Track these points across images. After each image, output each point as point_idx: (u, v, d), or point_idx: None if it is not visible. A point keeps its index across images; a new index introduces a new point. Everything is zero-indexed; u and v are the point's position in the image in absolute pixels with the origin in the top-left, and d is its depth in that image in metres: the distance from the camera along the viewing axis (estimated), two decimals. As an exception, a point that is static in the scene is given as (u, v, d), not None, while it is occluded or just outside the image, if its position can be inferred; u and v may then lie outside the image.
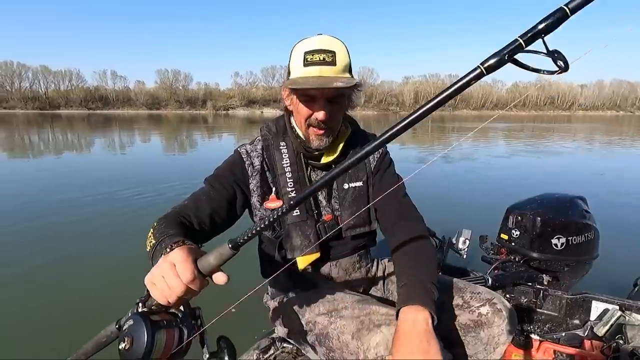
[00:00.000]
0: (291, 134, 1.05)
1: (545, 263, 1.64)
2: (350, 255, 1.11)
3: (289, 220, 1.01)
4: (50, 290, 2.82)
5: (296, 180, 1.02)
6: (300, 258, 1.02)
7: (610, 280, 2.15)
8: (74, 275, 3.09)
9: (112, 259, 3.38)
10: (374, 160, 1.10)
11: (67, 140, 16.27)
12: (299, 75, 0.94)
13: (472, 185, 6.47)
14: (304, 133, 1.01)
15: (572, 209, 1.66)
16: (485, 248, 1.84)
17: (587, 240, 1.65)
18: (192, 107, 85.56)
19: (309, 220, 1.01)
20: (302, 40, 0.97)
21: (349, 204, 1.05)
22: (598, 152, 11.92)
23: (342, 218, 1.04)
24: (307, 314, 1.01)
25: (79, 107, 74.82)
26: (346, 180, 1.05)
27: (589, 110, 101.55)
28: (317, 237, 1.01)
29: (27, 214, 4.68)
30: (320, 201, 1.06)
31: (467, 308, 0.94)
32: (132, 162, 9.64)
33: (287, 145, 1.05)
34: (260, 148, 1.06)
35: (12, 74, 73.78)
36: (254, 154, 1.06)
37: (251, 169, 1.04)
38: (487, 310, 0.92)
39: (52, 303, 2.61)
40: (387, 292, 1.17)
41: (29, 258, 3.41)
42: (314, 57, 0.92)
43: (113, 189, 6.03)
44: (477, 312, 0.93)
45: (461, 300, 0.96)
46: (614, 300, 1.49)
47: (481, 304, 0.93)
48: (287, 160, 1.03)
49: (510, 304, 0.96)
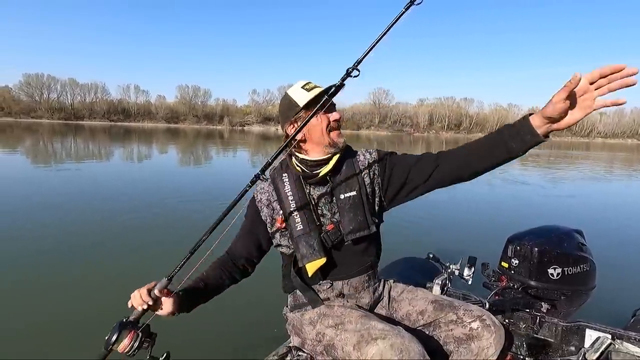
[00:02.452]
0: (291, 165, 1.22)
1: (543, 291, 1.76)
2: (360, 275, 1.24)
3: (295, 234, 1.18)
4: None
5: (297, 200, 1.19)
6: (308, 265, 1.17)
7: (609, 311, 2.23)
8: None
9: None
10: (365, 167, 1.23)
11: (89, 149, 16.92)
12: (310, 97, 1.14)
13: (474, 213, 6.58)
14: (326, 142, 1.17)
15: (568, 241, 1.78)
16: (487, 275, 1.97)
17: (582, 272, 1.76)
18: (209, 122, 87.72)
19: (312, 232, 1.17)
20: (289, 89, 1.23)
21: (347, 211, 1.18)
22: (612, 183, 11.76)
23: (343, 224, 1.18)
24: (318, 326, 1.17)
25: (102, 118, 77.62)
26: (342, 191, 1.19)
27: (608, 138, 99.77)
28: (321, 245, 1.16)
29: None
30: (325, 214, 1.20)
31: (460, 323, 1.10)
32: (147, 172, 10.02)
33: (289, 175, 1.23)
34: (267, 185, 1.26)
35: (42, 86, 77.55)
36: (262, 190, 1.27)
37: (260, 204, 1.25)
38: (478, 325, 1.07)
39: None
40: (391, 309, 1.30)
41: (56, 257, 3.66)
42: (309, 86, 1.17)
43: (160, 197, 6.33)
44: (469, 327, 1.08)
45: (455, 317, 1.12)
46: (607, 329, 1.59)
47: (472, 319, 1.09)
48: (288, 187, 1.21)
49: (500, 323, 1.11)
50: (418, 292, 1.29)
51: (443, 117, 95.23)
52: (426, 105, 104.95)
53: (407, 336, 0.97)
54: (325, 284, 1.23)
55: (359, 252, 1.24)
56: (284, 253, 1.28)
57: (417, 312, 1.21)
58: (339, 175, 1.21)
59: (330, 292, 1.24)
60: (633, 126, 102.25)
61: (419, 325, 1.19)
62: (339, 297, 1.24)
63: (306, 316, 1.23)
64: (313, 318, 1.20)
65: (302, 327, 1.22)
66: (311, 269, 1.17)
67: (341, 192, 1.19)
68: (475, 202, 7.61)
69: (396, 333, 0.97)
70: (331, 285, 1.23)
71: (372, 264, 1.28)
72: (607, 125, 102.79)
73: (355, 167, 1.22)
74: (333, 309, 1.18)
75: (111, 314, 1.10)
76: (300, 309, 1.27)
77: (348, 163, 1.22)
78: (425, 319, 1.18)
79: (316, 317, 1.19)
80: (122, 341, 0.98)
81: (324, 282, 1.23)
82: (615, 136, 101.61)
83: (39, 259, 3.82)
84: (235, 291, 1.32)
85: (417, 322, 1.20)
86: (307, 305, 1.25)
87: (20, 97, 75.58)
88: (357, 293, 1.25)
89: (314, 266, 1.17)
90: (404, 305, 1.26)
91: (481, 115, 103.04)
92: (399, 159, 1.24)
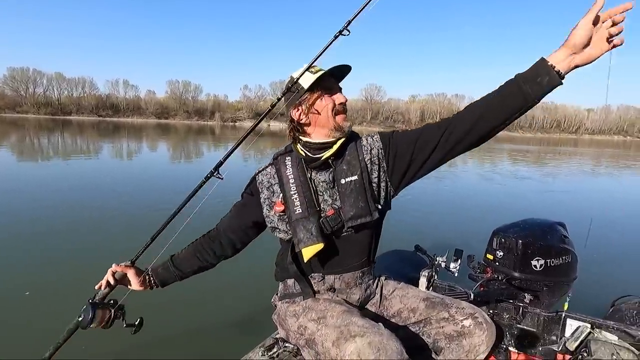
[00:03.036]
0: (295, 149, 1.21)
1: (526, 282, 1.80)
2: (354, 271, 1.22)
3: (293, 218, 1.15)
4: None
5: (298, 183, 1.17)
6: (305, 249, 1.12)
7: (589, 301, 2.29)
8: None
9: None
10: (368, 151, 1.18)
11: (77, 145, 16.62)
12: (315, 79, 1.12)
13: (461, 208, 6.68)
14: (332, 126, 1.15)
15: (551, 234, 1.82)
16: (472, 267, 2.00)
17: (565, 263, 1.80)
18: (200, 117, 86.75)
19: (310, 217, 1.13)
20: (295, 71, 1.17)
21: (347, 196, 1.14)
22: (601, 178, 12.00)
23: (344, 210, 1.13)
24: (301, 318, 1.16)
25: (90, 114, 76.24)
26: (343, 176, 1.15)
27: (595, 135, 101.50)
28: (319, 230, 1.12)
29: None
30: (326, 200, 1.17)
31: (452, 321, 1.11)
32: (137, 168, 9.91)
33: (292, 159, 1.21)
34: (270, 168, 1.26)
35: (27, 80, 75.75)
36: (264, 172, 1.26)
37: (261, 185, 1.25)
38: (470, 322, 1.09)
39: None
40: (382, 307, 1.28)
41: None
42: (314, 68, 1.14)
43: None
44: (461, 325, 1.09)
45: (447, 314, 1.13)
46: (587, 318, 1.64)
47: (465, 317, 1.10)
48: (290, 170, 1.19)
49: (492, 320, 1.13)
50: (409, 289, 1.29)
51: (434, 114, 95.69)
52: (418, 101, 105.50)
53: (385, 334, 0.96)
54: (317, 276, 1.22)
55: (357, 244, 1.21)
56: (282, 239, 1.25)
57: (408, 310, 1.21)
58: (342, 160, 1.17)
59: (321, 285, 1.23)
60: (619, 123, 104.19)
61: (410, 322, 1.20)
62: (329, 291, 1.23)
63: (291, 308, 1.23)
64: (297, 310, 1.20)
65: (286, 319, 1.23)
66: (307, 254, 1.13)
67: (342, 177, 1.15)
68: (461, 197, 7.73)
69: (375, 331, 0.96)
70: (323, 278, 1.22)
71: (369, 259, 1.25)
72: (595, 122, 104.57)
73: (359, 151, 1.18)
74: (318, 302, 1.18)
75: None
76: (290, 299, 1.27)
77: (351, 147, 1.19)
78: (417, 317, 1.18)
79: (300, 309, 1.20)
80: (98, 318, 1.15)
81: (316, 275, 1.22)
82: (602, 132, 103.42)
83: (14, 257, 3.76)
84: (225, 279, 1.36)
85: (408, 320, 1.20)
86: (297, 295, 1.25)
87: (4, 92, 73.77)
88: (348, 288, 1.23)
89: (311, 251, 1.12)
90: (395, 303, 1.26)
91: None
92: (402, 136, 1.18)
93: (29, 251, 3.92)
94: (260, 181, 1.25)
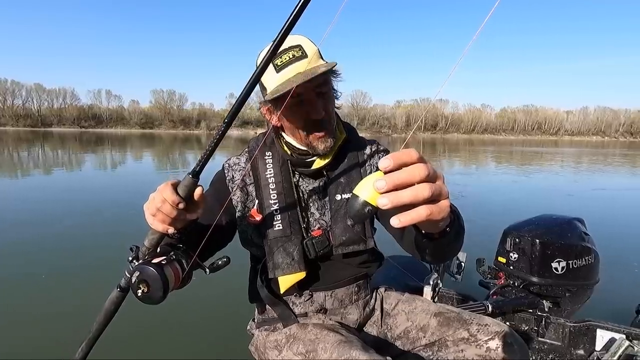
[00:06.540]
0: (278, 144, 0.95)
1: (546, 288, 1.57)
2: (348, 285, 0.99)
3: (271, 236, 0.91)
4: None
5: (280, 191, 0.92)
6: (282, 278, 0.91)
7: (611, 307, 2.08)
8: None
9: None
10: (371, 167, 0.98)
11: (58, 157, 16.01)
12: (278, 84, 0.82)
13: (462, 205, 6.47)
14: (304, 143, 0.90)
15: (571, 231, 1.60)
16: (482, 272, 1.76)
17: (587, 264, 1.58)
18: (185, 126, 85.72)
19: (293, 236, 0.91)
20: (262, 50, 0.83)
21: (342, 217, 0.92)
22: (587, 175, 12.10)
23: (334, 233, 0.92)
24: (284, 351, 0.91)
25: (72, 125, 74.51)
26: (339, 191, 0.93)
27: (575, 136, 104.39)
28: (301, 255, 0.90)
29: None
30: (313, 213, 0.95)
31: (474, 342, 0.86)
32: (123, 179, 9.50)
33: (273, 155, 0.96)
34: (244, 161, 0.98)
35: (5, 92, 73.66)
36: (236, 167, 0.98)
37: (231, 183, 0.96)
38: (497, 344, 0.83)
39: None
40: (384, 326, 1.04)
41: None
42: (283, 58, 0.81)
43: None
44: (486, 347, 0.84)
45: (467, 334, 0.87)
46: (620, 328, 1.41)
47: (489, 337, 0.85)
48: (270, 170, 0.94)
49: (522, 340, 0.88)
50: (416, 302, 1.04)
51: (419, 118, 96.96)
52: (403, 106, 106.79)
53: None
54: (303, 296, 0.97)
55: (350, 264, 0.99)
56: (253, 254, 1.02)
57: (417, 329, 0.96)
58: (339, 169, 0.94)
59: (309, 305, 0.98)
60: (597, 123, 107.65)
61: (420, 345, 0.94)
62: (319, 313, 0.98)
63: (272, 337, 0.96)
64: (280, 341, 0.93)
65: (266, 351, 0.95)
66: (285, 284, 0.91)
67: (338, 192, 0.93)
68: (461, 195, 7.52)
69: None
70: (311, 296, 0.98)
71: (367, 274, 1.03)
72: (574, 123, 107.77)
73: (362, 163, 0.96)
74: (306, 330, 0.91)
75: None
76: (269, 326, 1.01)
77: (352, 156, 0.96)
78: (428, 337, 0.93)
79: (284, 339, 0.93)
80: (171, 281, 0.68)
81: (303, 292, 0.97)
82: (580, 133, 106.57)
83: None
84: (191, 294, 1.03)
85: (418, 342, 0.95)
86: (277, 321, 0.99)
87: (-19, 104, 71.60)
88: (342, 308, 0.99)
89: (290, 281, 0.91)
90: (401, 321, 1.01)
91: (456, 116, 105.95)
92: None
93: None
94: (231, 178, 0.97)
